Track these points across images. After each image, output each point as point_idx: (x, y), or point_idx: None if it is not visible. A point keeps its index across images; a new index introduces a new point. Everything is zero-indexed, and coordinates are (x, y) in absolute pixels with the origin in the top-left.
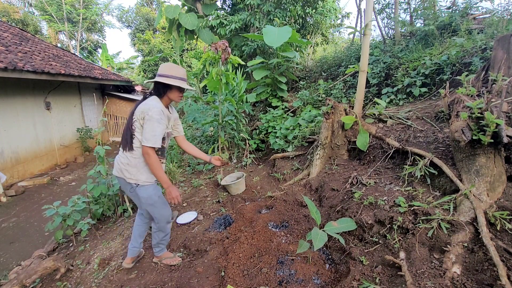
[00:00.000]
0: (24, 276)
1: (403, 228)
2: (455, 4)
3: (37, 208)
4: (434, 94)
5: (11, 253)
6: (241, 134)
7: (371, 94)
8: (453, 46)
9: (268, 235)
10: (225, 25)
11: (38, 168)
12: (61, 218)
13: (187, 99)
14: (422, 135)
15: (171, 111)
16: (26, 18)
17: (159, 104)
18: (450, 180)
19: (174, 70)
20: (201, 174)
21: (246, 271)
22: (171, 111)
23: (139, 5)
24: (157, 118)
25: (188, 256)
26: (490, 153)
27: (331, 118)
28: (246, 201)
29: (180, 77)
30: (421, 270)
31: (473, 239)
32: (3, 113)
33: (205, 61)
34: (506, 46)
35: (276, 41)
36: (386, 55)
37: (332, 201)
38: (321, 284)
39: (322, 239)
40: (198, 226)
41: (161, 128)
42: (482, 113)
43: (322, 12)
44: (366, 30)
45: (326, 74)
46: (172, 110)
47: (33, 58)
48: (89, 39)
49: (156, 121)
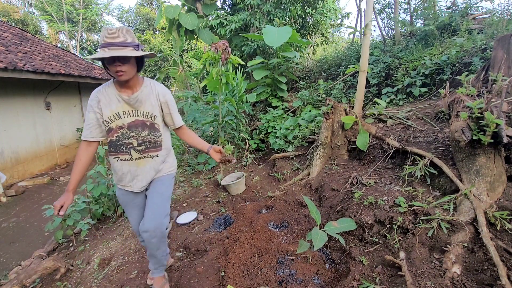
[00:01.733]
0: (24, 276)
1: (403, 228)
2: (455, 4)
3: (37, 208)
4: (434, 94)
5: (11, 253)
6: (241, 134)
7: (371, 94)
8: (453, 46)
9: (268, 235)
10: (225, 25)
11: (38, 168)
12: (61, 218)
13: (187, 99)
14: (422, 135)
15: (139, 94)
16: (26, 18)
17: (103, 87)
18: (450, 180)
19: (102, 37)
20: (201, 174)
21: (246, 271)
22: (139, 94)
23: (139, 5)
24: (88, 105)
25: (188, 256)
26: (490, 153)
27: (331, 118)
28: (246, 201)
29: (102, 44)
30: (421, 270)
31: (473, 239)
32: (3, 113)
33: (205, 61)
34: (506, 46)
35: (276, 41)
36: (386, 55)
37: (332, 201)
38: (321, 284)
39: (322, 239)
40: (198, 226)
41: (89, 117)
42: (482, 113)
43: (322, 12)
44: (366, 30)
45: (326, 74)
46: (140, 93)
47: (33, 58)
48: (89, 39)
49: (87, 109)
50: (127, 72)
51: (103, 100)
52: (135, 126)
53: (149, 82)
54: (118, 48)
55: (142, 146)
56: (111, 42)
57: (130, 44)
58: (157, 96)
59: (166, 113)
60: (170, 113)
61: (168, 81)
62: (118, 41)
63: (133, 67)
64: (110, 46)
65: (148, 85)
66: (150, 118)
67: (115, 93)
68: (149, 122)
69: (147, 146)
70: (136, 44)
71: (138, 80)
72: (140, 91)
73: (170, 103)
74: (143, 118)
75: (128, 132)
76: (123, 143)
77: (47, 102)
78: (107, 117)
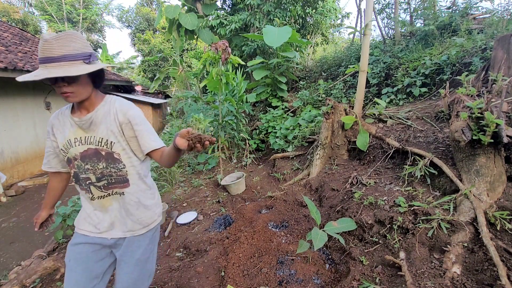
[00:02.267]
0: (24, 276)
1: (403, 228)
2: (455, 4)
3: (37, 208)
4: (434, 94)
5: (11, 253)
6: (241, 134)
7: (371, 94)
8: (453, 46)
9: (268, 235)
10: (225, 25)
11: (38, 168)
12: (61, 218)
13: (187, 99)
14: (422, 135)
15: (93, 114)
16: (26, 18)
17: (61, 109)
18: (450, 180)
19: (39, 48)
20: (201, 174)
21: (246, 271)
22: (93, 114)
23: (139, 5)
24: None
25: (188, 256)
26: (490, 153)
27: (331, 118)
28: (246, 201)
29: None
30: (421, 270)
31: (473, 239)
32: (3, 113)
33: (205, 61)
34: (506, 46)
35: (276, 41)
36: (386, 55)
37: (332, 201)
38: (321, 284)
39: (322, 239)
40: (198, 226)
41: (46, 144)
42: (482, 113)
43: (322, 12)
44: (366, 30)
45: (326, 74)
46: (94, 114)
47: (33, 58)
48: (89, 39)
49: None
50: (76, 93)
51: (57, 124)
52: (89, 157)
53: (110, 99)
54: (58, 65)
55: (102, 181)
56: (49, 57)
57: (76, 57)
58: (115, 115)
59: (129, 137)
60: (136, 136)
61: (168, 81)
62: (59, 54)
63: (86, 85)
64: (48, 61)
65: (107, 103)
66: (105, 145)
67: (68, 115)
68: (104, 151)
69: (109, 182)
70: (86, 55)
71: (97, 99)
72: (95, 111)
73: (135, 122)
74: (96, 146)
75: (82, 164)
76: (80, 178)
77: (47, 102)
78: (62, 145)
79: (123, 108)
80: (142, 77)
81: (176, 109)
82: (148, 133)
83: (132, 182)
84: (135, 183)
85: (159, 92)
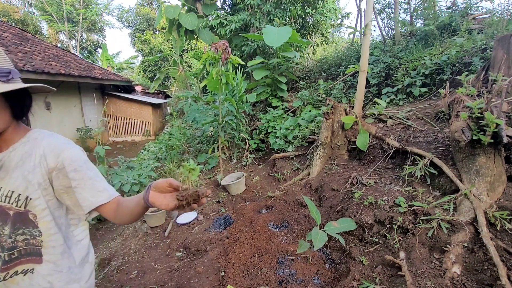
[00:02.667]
0: None
1: (403, 228)
2: (455, 4)
3: None
4: (434, 94)
5: None
6: (241, 134)
7: (371, 94)
8: (453, 46)
9: (268, 235)
10: (225, 25)
11: None
12: None
13: (187, 99)
14: (422, 135)
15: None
16: (26, 18)
17: None
18: (450, 180)
19: None
20: (201, 174)
21: (246, 271)
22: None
23: (139, 5)
24: None
25: (188, 256)
26: (490, 153)
27: (331, 118)
28: (246, 201)
29: None
30: (421, 270)
31: (473, 239)
32: None
33: (205, 61)
34: (506, 46)
35: (276, 41)
36: (386, 55)
37: (332, 201)
38: (321, 284)
39: (322, 239)
40: (198, 226)
41: None
42: (482, 113)
43: (322, 12)
44: (366, 30)
45: (326, 74)
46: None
47: (33, 58)
48: (89, 39)
49: None
50: None
51: None
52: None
53: (36, 134)
54: None
55: (3, 254)
56: None
57: None
58: (41, 158)
59: (63, 188)
60: (73, 186)
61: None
62: None
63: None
64: None
65: (30, 140)
66: (15, 202)
67: None
68: (13, 211)
69: (12, 257)
70: (5, 72)
71: (15, 133)
72: (10, 150)
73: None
74: (1, 203)
75: None
76: None
77: (47, 102)
78: None
79: (55, 148)
80: (142, 77)
81: (176, 109)
82: (92, 181)
83: (47, 258)
84: (51, 261)
85: (159, 92)
